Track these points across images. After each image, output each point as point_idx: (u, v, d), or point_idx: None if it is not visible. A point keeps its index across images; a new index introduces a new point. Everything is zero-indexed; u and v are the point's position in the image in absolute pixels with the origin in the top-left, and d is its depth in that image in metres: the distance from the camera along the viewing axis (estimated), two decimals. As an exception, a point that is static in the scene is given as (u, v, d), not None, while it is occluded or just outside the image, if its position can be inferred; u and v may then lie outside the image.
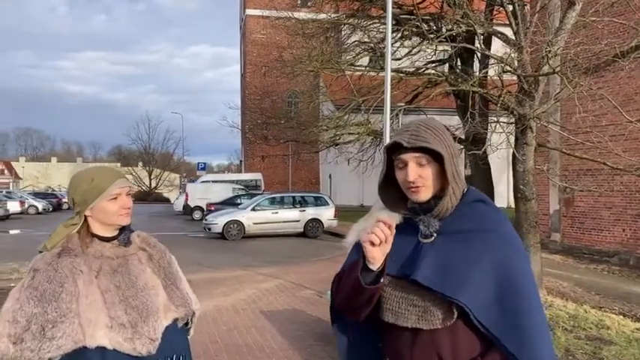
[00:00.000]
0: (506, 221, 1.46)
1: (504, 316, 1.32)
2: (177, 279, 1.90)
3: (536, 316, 1.34)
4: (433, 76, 11.88)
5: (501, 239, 1.40)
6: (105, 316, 1.62)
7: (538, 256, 8.94)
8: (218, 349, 5.26)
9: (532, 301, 1.35)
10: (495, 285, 1.34)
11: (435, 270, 1.37)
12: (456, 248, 1.39)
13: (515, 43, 9.02)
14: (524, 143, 9.00)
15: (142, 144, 60.80)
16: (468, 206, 1.44)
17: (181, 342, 1.83)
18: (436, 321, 1.36)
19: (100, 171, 1.81)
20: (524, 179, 8.98)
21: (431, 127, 1.44)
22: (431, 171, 1.42)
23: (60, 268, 1.64)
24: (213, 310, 6.87)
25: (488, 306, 1.33)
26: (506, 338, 1.32)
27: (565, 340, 5.63)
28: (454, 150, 1.44)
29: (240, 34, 41.63)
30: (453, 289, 1.33)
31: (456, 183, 1.42)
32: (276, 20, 19.70)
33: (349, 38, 16.43)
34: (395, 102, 15.25)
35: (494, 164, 19.22)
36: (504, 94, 8.74)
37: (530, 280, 1.39)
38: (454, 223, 1.42)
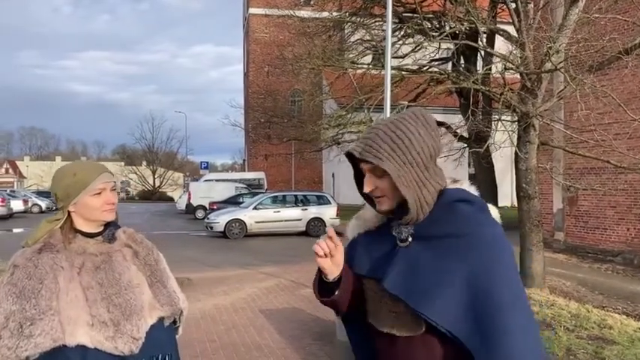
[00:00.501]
0: (490, 223, 1.33)
1: (477, 329, 1.21)
2: (164, 277, 1.83)
3: (515, 332, 1.19)
4: (435, 74, 11.80)
5: (480, 244, 1.27)
6: (86, 313, 1.58)
7: (541, 255, 8.87)
8: (215, 348, 5.22)
9: (511, 314, 1.21)
10: (469, 296, 1.23)
11: (403, 277, 1.30)
12: (428, 255, 1.30)
13: (518, 40, 8.95)
14: (526, 141, 8.93)
15: (145, 143, 60.91)
16: (446, 207, 1.33)
17: (168, 341, 1.77)
18: (407, 329, 1.30)
19: (83, 165, 1.76)
20: (527, 178, 8.91)
21: (393, 136, 1.32)
22: (388, 182, 1.32)
23: (40, 265, 1.59)
24: (213, 308, 6.84)
25: (461, 319, 1.23)
26: (479, 353, 1.21)
27: (567, 340, 5.57)
28: (423, 154, 1.32)
29: (243, 33, 41.64)
30: (418, 299, 1.26)
31: (426, 189, 1.32)
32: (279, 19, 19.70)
33: (352, 36, 16.40)
34: (397, 100, 15.20)
35: (498, 163, 19.17)
36: (506, 92, 8.66)
37: (508, 287, 1.24)
38: (429, 227, 1.33)
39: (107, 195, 1.72)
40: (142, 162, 63.26)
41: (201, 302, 7.26)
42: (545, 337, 5.64)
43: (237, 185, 25.57)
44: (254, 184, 27.48)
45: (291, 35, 17.77)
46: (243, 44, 41.41)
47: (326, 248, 1.32)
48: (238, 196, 22.64)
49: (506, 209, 21.37)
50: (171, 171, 60.73)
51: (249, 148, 37.31)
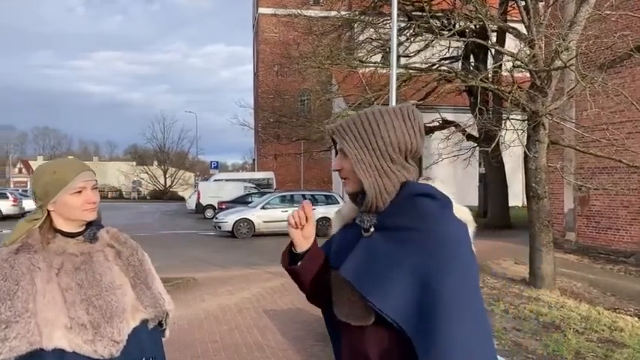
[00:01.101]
0: (450, 221, 1.30)
1: (420, 321, 1.21)
2: (148, 278, 1.78)
3: (455, 329, 1.17)
4: (443, 72, 11.68)
5: (434, 240, 1.25)
6: (64, 316, 1.52)
7: (551, 255, 8.74)
8: (217, 349, 5.18)
9: (453, 308, 1.18)
10: (417, 289, 1.23)
11: (359, 266, 1.32)
12: (384, 245, 1.31)
13: (527, 37, 8.82)
14: (536, 140, 8.81)
15: (157, 143, 61.21)
16: (408, 201, 1.32)
17: (151, 344, 1.71)
18: (360, 318, 1.33)
19: (64, 163, 1.71)
20: (537, 177, 8.79)
21: (363, 121, 1.37)
22: (351, 164, 1.36)
23: (17, 265, 1.54)
24: (217, 308, 6.80)
25: (405, 309, 1.23)
26: (417, 345, 1.20)
27: (576, 343, 5.46)
28: (389, 144, 1.34)
29: (253, 33, 41.70)
30: (368, 287, 1.28)
31: (387, 178, 1.34)
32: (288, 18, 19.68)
33: (360, 35, 16.32)
34: (406, 99, 15.10)
35: (508, 163, 18.98)
36: (515, 90, 8.53)
37: (457, 285, 1.21)
38: (390, 218, 1.33)
39: (88, 194, 1.66)
40: (153, 162, 63.59)
41: (206, 302, 7.23)
42: (553, 339, 5.53)
43: (246, 185, 25.58)
44: (263, 183, 27.47)
45: (300, 35, 17.73)
46: (253, 44, 41.47)
47: (297, 218, 1.40)
48: (247, 196, 22.64)
49: (517, 209, 21.14)
50: (182, 171, 61.00)
51: (258, 147, 37.34)
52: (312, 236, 1.44)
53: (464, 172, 23.42)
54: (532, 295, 7.81)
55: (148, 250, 7.34)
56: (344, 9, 17.04)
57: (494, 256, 11.52)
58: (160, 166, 60.53)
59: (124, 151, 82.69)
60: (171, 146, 61.14)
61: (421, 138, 1.38)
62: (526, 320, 6.28)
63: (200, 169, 59.89)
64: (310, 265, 1.45)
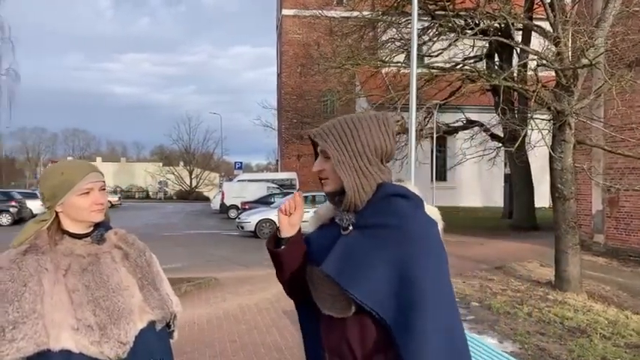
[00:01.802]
0: (422, 219, 1.43)
1: (399, 312, 1.33)
2: (156, 279, 1.78)
3: (431, 318, 1.30)
4: (466, 71, 11.51)
5: (408, 236, 1.37)
6: (71, 317, 1.53)
7: (577, 258, 8.54)
8: (235, 349, 5.20)
9: (429, 298, 1.31)
10: (394, 279, 1.34)
11: (339, 261, 1.41)
12: (361, 241, 1.42)
13: (552, 35, 8.64)
14: (561, 140, 8.63)
15: (182, 144, 61.98)
16: (384, 200, 1.45)
17: (159, 346, 1.71)
18: (343, 309, 1.41)
19: (71, 165, 1.71)
20: (562, 178, 8.60)
21: (342, 124, 1.49)
22: (332, 166, 1.47)
23: (24, 267, 1.55)
24: (237, 308, 6.84)
25: (383, 300, 1.34)
26: (396, 333, 1.32)
27: (602, 348, 5.31)
28: (368, 147, 1.45)
29: (276, 35, 41.88)
30: (347, 280, 1.37)
31: (364, 178, 1.45)
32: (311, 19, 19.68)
33: (383, 35, 16.24)
34: (429, 99, 14.96)
35: (536, 163, 18.62)
36: (539, 89, 8.37)
37: (432, 277, 1.34)
38: (367, 217, 1.45)
39: (95, 195, 1.67)
40: (179, 162, 64.41)
41: (227, 302, 7.28)
42: (579, 344, 5.40)
43: (269, 185, 25.70)
44: (286, 184, 27.54)
45: (322, 35, 17.72)
46: (277, 45, 41.65)
47: (287, 206, 1.50)
48: (270, 196, 22.74)
49: (544, 210, 20.74)
50: (208, 171, 61.63)
51: (281, 148, 37.46)
52: (298, 225, 1.53)
53: (489, 173, 23.11)
54: (557, 298, 7.64)
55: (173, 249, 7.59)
56: (367, 9, 16.97)
57: (519, 258, 11.33)
58: (186, 167, 61.26)
59: (151, 152, 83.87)
60: (197, 147, 61.87)
61: (394, 142, 1.51)
62: (550, 324, 6.14)
63: (225, 169, 60.43)
64: (293, 250, 1.54)
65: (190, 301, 7.40)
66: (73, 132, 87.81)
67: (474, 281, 8.74)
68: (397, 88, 14.02)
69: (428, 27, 15.79)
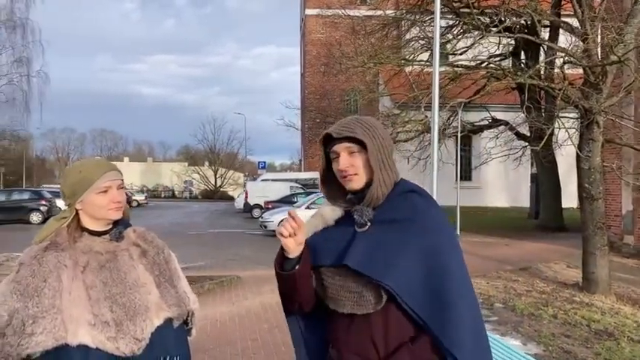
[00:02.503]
0: (438, 211, 1.52)
1: (431, 300, 1.37)
2: (174, 277, 1.80)
3: (462, 300, 1.39)
4: (491, 69, 11.35)
5: (430, 228, 1.46)
6: (88, 313, 1.56)
7: (605, 259, 8.35)
8: (256, 347, 5.23)
9: (459, 286, 1.40)
10: (423, 269, 1.40)
11: (365, 255, 1.43)
12: (386, 235, 1.46)
13: (580, 31, 8.47)
14: (589, 139, 8.45)
15: (207, 144, 62.65)
16: (401, 196, 1.51)
17: (176, 343, 1.73)
18: (369, 305, 1.43)
19: (90, 163, 1.76)
20: (590, 177, 8.43)
21: (361, 120, 1.55)
22: (361, 159, 1.51)
23: (44, 263, 1.60)
24: (259, 306, 6.87)
25: (416, 289, 1.38)
26: (431, 321, 1.37)
27: (630, 352, 5.18)
28: (385, 142, 1.53)
29: (300, 34, 41.99)
30: (379, 272, 1.40)
31: (386, 172, 1.51)
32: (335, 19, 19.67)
33: (407, 34, 16.13)
34: (454, 97, 14.79)
35: (563, 163, 18.26)
36: (566, 87, 8.20)
37: (458, 266, 1.44)
38: (386, 212, 1.49)
39: (113, 193, 1.70)
40: (204, 162, 65.12)
41: (249, 300, 7.33)
42: (605, 347, 5.27)
43: (291, 185, 25.79)
44: (309, 183, 27.58)
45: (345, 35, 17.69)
46: (300, 45, 41.75)
47: (290, 229, 1.47)
48: (292, 196, 22.82)
49: (572, 210, 20.29)
50: (232, 171, 62.17)
51: (305, 148, 37.55)
52: (303, 242, 1.51)
53: (515, 172, 22.76)
54: (584, 300, 7.48)
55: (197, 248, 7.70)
56: (391, 8, 16.88)
57: (545, 259, 11.12)
58: (211, 167, 61.92)
59: (177, 152, 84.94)
60: (222, 147, 62.46)
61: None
62: (576, 326, 6.01)
63: (249, 169, 60.88)
64: (305, 268, 1.53)
65: (213, 299, 7.48)
66: (101, 132, 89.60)
67: (498, 282, 8.61)
68: (421, 86, 13.91)
69: (452, 25, 15.62)
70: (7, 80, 23.56)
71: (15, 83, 23.86)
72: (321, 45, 33.75)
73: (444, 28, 15.23)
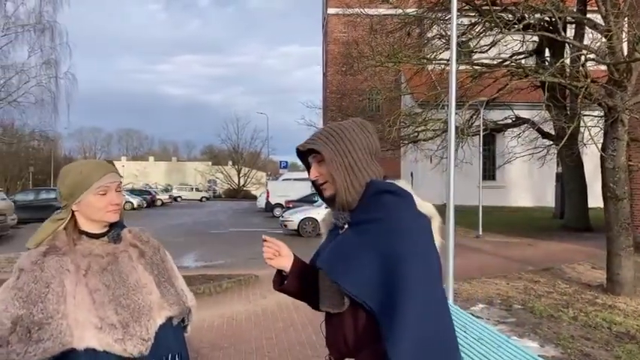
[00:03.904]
0: (409, 213, 1.47)
1: (382, 303, 1.38)
2: (172, 276, 1.82)
3: (411, 306, 1.34)
4: (511, 68, 11.18)
5: (398, 229, 1.43)
6: (94, 316, 1.56)
7: (631, 260, 8.14)
8: (271, 345, 5.26)
9: (411, 292, 1.35)
10: (380, 270, 1.40)
11: (331, 256, 1.50)
12: (354, 237, 1.49)
13: (604, 28, 8.28)
14: (614, 138, 8.27)
15: (231, 143, 63.21)
16: (373, 197, 1.51)
17: (176, 341, 1.75)
18: (339, 304, 1.46)
19: (90, 164, 1.73)
20: (615, 177, 8.23)
21: (328, 129, 1.58)
22: (327, 168, 1.54)
23: (46, 268, 1.58)
24: (275, 306, 6.91)
25: (374, 291, 1.40)
26: (381, 323, 1.37)
27: (652, 356, 5.04)
28: (355, 145, 1.53)
29: (322, 34, 42.00)
30: (338, 272, 1.45)
31: (354, 175, 1.52)
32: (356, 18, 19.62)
33: (429, 32, 15.99)
34: (475, 96, 14.62)
35: (590, 162, 17.84)
36: (588, 85, 8.03)
37: (416, 269, 1.38)
38: (359, 215, 1.52)
39: (112, 195, 1.69)
40: (227, 162, 65.69)
41: (266, 299, 7.36)
42: (626, 350, 5.15)
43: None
44: (330, 182, 27.59)
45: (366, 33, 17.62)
46: (322, 44, 41.77)
47: (271, 252, 1.60)
48: (313, 195, 22.84)
49: (598, 210, 19.83)
50: (255, 170, 62.59)
51: (327, 147, 37.54)
52: (290, 254, 1.64)
53: (539, 172, 22.36)
54: (607, 302, 7.31)
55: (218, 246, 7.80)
56: (412, 6, 16.75)
57: (569, 260, 10.90)
58: (234, 166, 62.46)
59: (201, 152, 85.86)
60: (245, 146, 62.93)
61: (377, 139, 1.60)
62: (597, 329, 5.88)
63: (272, 168, 61.20)
64: (294, 280, 1.64)
65: (230, 298, 7.54)
66: (127, 132, 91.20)
67: (519, 283, 8.48)
68: (443, 84, 13.78)
69: (475, 23, 15.43)
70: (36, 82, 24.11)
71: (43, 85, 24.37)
72: (343, 44, 33.69)
73: (466, 26, 15.05)
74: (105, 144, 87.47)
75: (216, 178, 63.37)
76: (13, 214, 17.87)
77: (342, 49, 33.08)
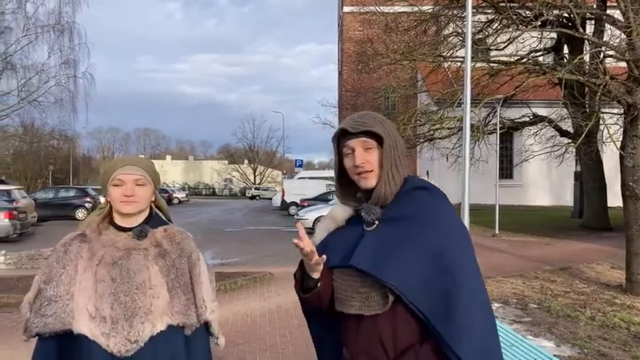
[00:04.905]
0: (446, 208, 1.47)
1: (437, 301, 1.33)
2: (195, 283, 1.73)
3: (471, 302, 1.33)
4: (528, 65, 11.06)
5: (437, 225, 1.41)
6: (91, 305, 1.60)
7: (651, 260, 8.00)
8: (285, 342, 5.29)
9: (468, 287, 1.34)
10: (429, 269, 1.35)
11: (371, 255, 1.40)
12: (393, 234, 1.41)
13: (623, 24, 8.16)
14: (633, 136, 8.17)
15: (247, 142, 63.51)
16: (409, 194, 1.47)
17: (187, 351, 1.68)
18: (376, 306, 1.39)
19: (114, 159, 1.82)
20: (634, 175, 8.12)
21: (374, 115, 1.51)
22: (376, 155, 1.46)
23: (69, 251, 1.69)
24: (289, 303, 6.93)
25: (422, 290, 1.34)
26: (437, 323, 1.32)
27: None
28: (399, 140, 1.50)
29: (337, 32, 41.96)
30: (385, 272, 1.36)
31: (396, 170, 1.47)
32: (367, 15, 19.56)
33: (445, 30, 15.89)
34: (492, 93, 14.49)
35: (610, 160, 17.57)
36: (607, 82, 7.91)
37: (468, 265, 1.38)
38: (394, 210, 1.45)
39: (127, 187, 1.72)
40: (243, 160, 66.02)
41: (280, 296, 7.40)
42: (645, 352, 5.07)
43: (327, 183, 25.86)
44: (345, 181, 27.57)
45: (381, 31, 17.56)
46: (338, 43, 41.73)
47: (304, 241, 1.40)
48: (328, 194, 22.87)
49: (618, 210, 19.55)
50: (271, 169, 62.83)
51: (343, 146, 37.50)
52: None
53: (557, 170, 22.09)
54: (626, 302, 7.21)
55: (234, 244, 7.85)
56: (430, 3, 16.65)
57: (588, 260, 10.76)
58: (250, 165, 62.77)
59: (218, 150, 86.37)
60: (260, 145, 63.19)
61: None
62: (615, 329, 5.80)
63: (287, 167, 61.38)
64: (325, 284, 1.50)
65: (245, 295, 7.59)
66: (145, 131, 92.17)
67: (535, 282, 8.40)
68: (460, 82, 13.69)
69: (492, 20, 15.29)
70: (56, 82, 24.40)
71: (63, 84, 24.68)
72: (358, 42, 33.60)
73: (483, 23, 14.93)
74: (123, 143, 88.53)
75: (232, 176, 63.73)
76: (33, 212, 18.20)
77: (357, 48, 32.99)
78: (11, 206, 15.57)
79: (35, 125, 28.19)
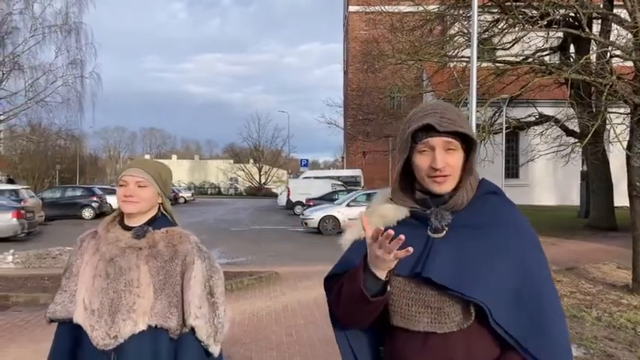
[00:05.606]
0: (520, 215, 1.37)
1: (525, 318, 1.23)
2: (185, 286, 1.73)
3: (559, 320, 1.27)
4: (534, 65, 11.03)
5: (517, 235, 1.31)
6: (87, 297, 1.72)
7: (658, 263, 7.98)
8: (291, 342, 5.31)
9: (553, 303, 1.28)
10: (514, 284, 1.25)
11: (451, 267, 1.25)
12: (471, 244, 1.28)
13: (630, 24, 8.13)
14: (640, 135, 8.10)
15: (252, 142, 63.52)
16: (482, 198, 1.35)
17: (158, 354, 1.69)
18: (451, 323, 1.25)
19: (129, 162, 1.94)
20: (641, 175, 8.07)
21: (458, 112, 1.36)
22: (457, 159, 1.32)
23: (82, 246, 1.84)
24: (295, 302, 6.96)
25: (508, 306, 1.22)
26: (529, 342, 1.22)
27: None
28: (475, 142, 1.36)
29: (343, 32, 41.95)
30: (471, 287, 1.22)
31: (473, 175, 1.35)
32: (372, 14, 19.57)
33: (450, 30, 15.86)
34: (498, 93, 14.46)
35: (617, 160, 17.49)
36: (613, 81, 7.89)
37: (549, 280, 1.31)
38: (467, 217, 1.32)
39: (129, 188, 1.79)
40: (249, 160, 66.08)
41: (286, 296, 7.43)
42: (651, 353, 5.06)
43: (333, 182, 25.88)
44: (351, 181, 27.57)
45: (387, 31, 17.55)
46: (343, 42, 41.72)
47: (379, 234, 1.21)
48: (333, 193, 22.90)
49: (625, 210, 19.48)
50: (276, 168, 62.84)
51: (347, 145, 37.54)
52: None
53: (564, 170, 22.00)
54: (632, 302, 7.18)
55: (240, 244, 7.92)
56: (436, 3, 16.64)
57: (594, 260, 10.73)
58: (255, 164, 62.79)
59: (223, 150, 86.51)
60: (266, 145, 63.19)
61: None
62: (621, 330, 5.79)
63: (293, 166, 61.39)
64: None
65: (251, 294, 7.62)
66: (150, 131, 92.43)
67: (541, 283, 8.38)
68: (465, 82, 13.67)
69: (497, 19, 15.26)
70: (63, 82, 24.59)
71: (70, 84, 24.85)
72: (363, 42, 33.61)
73: (488, 23, 14.90)
74: (129, 142, 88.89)
75: (238, 176, 63.81)
76: (41, 212, 18.30)
77: (362, 47, 33.00)
78: (19, 205, 15.67)
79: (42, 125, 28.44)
